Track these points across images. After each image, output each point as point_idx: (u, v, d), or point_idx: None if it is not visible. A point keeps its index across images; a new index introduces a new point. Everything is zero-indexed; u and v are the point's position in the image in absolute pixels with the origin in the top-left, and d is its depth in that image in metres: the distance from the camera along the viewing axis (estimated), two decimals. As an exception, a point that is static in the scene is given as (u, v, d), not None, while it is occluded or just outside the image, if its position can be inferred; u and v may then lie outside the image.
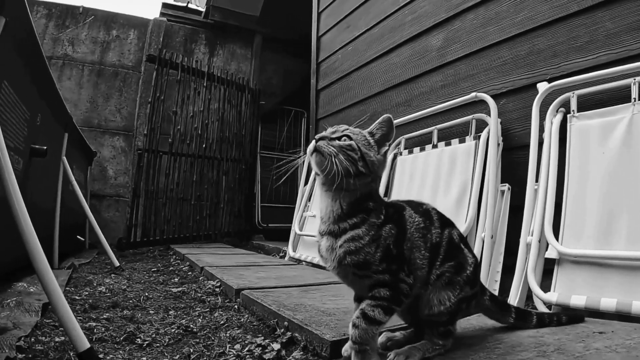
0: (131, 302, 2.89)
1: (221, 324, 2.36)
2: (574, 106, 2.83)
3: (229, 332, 2.18)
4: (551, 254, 2.59)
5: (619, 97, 2.67)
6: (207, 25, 9.19)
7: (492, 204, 3.06)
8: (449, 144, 3.70)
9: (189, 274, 4.20)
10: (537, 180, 2.85)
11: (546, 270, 2.64)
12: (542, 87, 3.02)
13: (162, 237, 7.04)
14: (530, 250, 2.68)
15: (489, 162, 3.19)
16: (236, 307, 2.73)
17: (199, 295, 3.11)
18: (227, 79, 8.13)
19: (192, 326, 2.29)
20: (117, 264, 4.37)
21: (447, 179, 3.57)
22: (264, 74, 9.48)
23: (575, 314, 1.97)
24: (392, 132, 1.63)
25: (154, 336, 2.11)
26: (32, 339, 1.93)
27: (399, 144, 4.33)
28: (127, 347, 1.98)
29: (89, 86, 8.21)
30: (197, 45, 9.12)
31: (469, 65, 3.85)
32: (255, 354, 1.88)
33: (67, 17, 8.23)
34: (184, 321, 2.39)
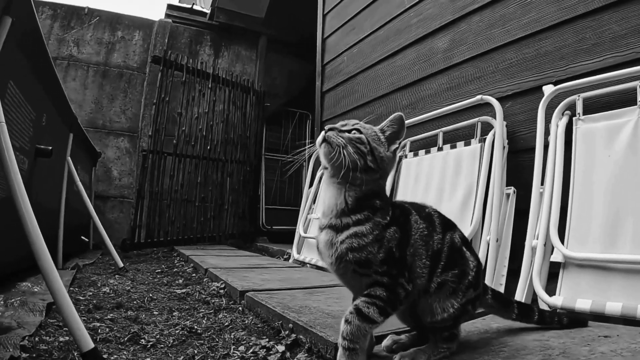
0: (135, 303, 2.89)
1: (225, 325, 2.36)
2: (579, 109, 2.82)
3: (233, 334, 2.18)
4: (556, 257, 2.58)
5: (625, 100, 2.66)
6: (212, 26, 9.20)
7: (497, 207, 3.05)
8: (454, 147, 3.69)
9: (193, 275, 4.20)
10: (542, 183, 2.84)
11: (551, 273, 2.63)
12: (548, 89, 3.01)
13: (166, 239, 7.02)
14: (535, 253, 2.67)
15: (495, 165, 3.17)
16: (240, 308, 2.72)
17: (203, 296, 3.10)
18: (232, 80, 8.12)
19: (196, 327, 2.28)
20: (121, 264, 4.37)
21: (452, 181, 3.56)
22: (269, 76, 9.48)
23: (577, 317, 1.96)
24: (402, 131, 1.62)
25: (158, 337, 2.11)
26: (36, 339, 1.93)
27: (404, 147, 4.32)
28: (132, 348, 1.97)
29: (94, 87, 8.23)
30: (202, 46, 9.13)
31: (475, 67, 3.84)
32: (259, 356, 1.87)
33: (73, 17, 8.25)
34: (188, 322, 2.39)
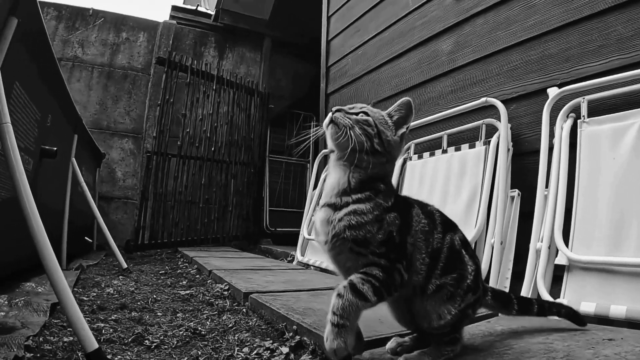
0: (139, 304, 2.89)
1: (229, 327, 2.35)
2: (584, 111, 2.82)
3: (237, 335, 2.18)
4: (561, 260, 2.58)
5: (631, 102, 2.66)
6: (216, 28, 9.22)
7: (501, 209, 3.05)
8: (458, 149, 3.69)
9: (197, 277, 4.20)
10: (547, 186, 2.84)
11: (556, 276, 2.62)
12: (553, 92, 3.00)
13: (169, 240, 7.01)
14: (540, 256, 2.67)
15: (499, 168, 3.17)
16: (244, 310, 2.72)
17: (207, 298, 3.10)
18: (236, 82, 8.11)
19: (200, 329, 2.28)
20: (125, 266, 4.37)
21: (456, 184, 3.56)
22: (273, 78, 9.47)
23: (576, 312, 1.95)
24: (410, 116, 1.62)
25: (162, 338, 2.11)
26: (41, 339, 1.94)
27: (409, 149, 4.32)
28: (136, 349, 1.97)
29: (99, 88, 8.25)
30: (206, 48, 9.15)
31: (479, 69, 3.84)
32: (263, 357, 1.87)
33: (77, 19, 8.27)
34: (192, 324, 2.38)
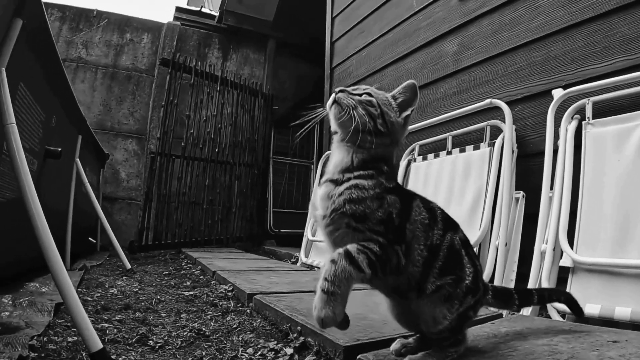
0: (143, 304, 2.90)
1: (233, 327, 2.35)
2: (589, 113, 2.82)
3: (241, 336, 2.18)
4: (565, 262, 2.58)
5: (636, 103, 2.65)
6: (220, 29, 9.23)
7: (506, 211, 3.05)
8: (463, 151, 3.69)
9: (201, 277, 4.20)
10: (552, 187, 2.84)
11: (560, 278, 2.62)
12: (557, 93, 3.00)
13: (173, 241, 7.02)
14: (544, 258, 2.66)
15: (504, 169, 3.17)
16: (248, 311, 2.72)
17: (211, 299, 3.10)
18: (240, 83, 8.11)
19: (204, 329, 2.28)
20: (128, 266, 4.37)
21: (461, 185, 3.55)
22: (277, 79, 9.47)
23: (575, 300, 1.94)
24: (415, 98, 1.62)
25: (166, 339, 2.11)
26: (45, 339, 1.94)
27: (413, 150, 4.32)
28: (140, 349, 1.98)
29: (103, 89, 8.28)
30: (210, 49, 9.16)
31: (484, 71, 3.84)
32: (268, 358, 1.88)
33: (81, 20, 8.30)
34: (196, 324, 2.39)
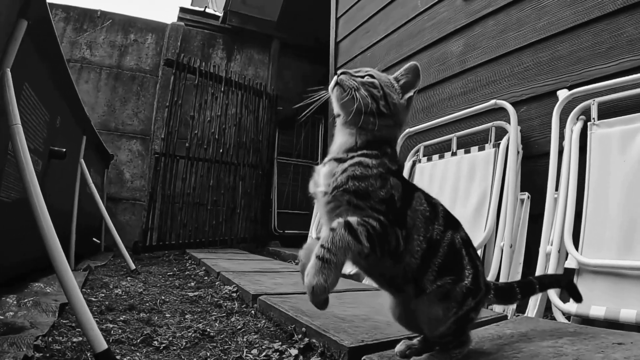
0: (148, 305, 2.90)
1: (238, 328, 2.35)
2: (594, 114, 2.81)
3: (246, 337, 2.18)
4: (571, 263, 2.57)
5: (643, 104, 2.65)
6: (224, 30, 9.23)
7: (511, 212, 3.04)
8: (468, 152, 3.68)
9: (205, 278, 4.20)
10: (557, 188, 2.83)
11: (565, 280, 2.61)
12: (563, 94, 2.99)
13: (177, 242, 7.01)
14: (549, 259, 2.65)
15: (509, 170, 3.16)
16: (253, 312, 2.72)
17: (216, 299, 3.10)
18: (244, 84, 8.11)
19: (208, 330, 2.28)
20: (133, 267, 4.37)
21: (466, 187, 3.55)
22: (282, 80, 9.45)
23: (574, 284, 1.93)
24: (417, 80, 1.60)
25: (170, 339, 2.11)
26: (50, 339, 1.94)
27: (418, 151, 4.31)
28: (144, 350, 1.98)
29: (107, 90, 8.29)
30: (214, 50, 9.16)
31: (489, 71, 3.83)
32: (272, 359, 1.87)
33: (85, 20, 8.32)
34: (200, 325, 2.39)
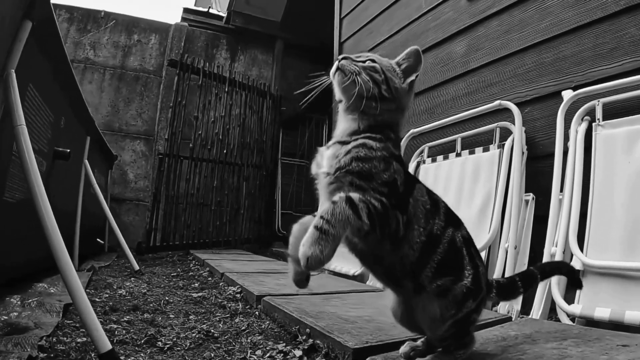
0: (151, 305, 2.90)
1: (242, 329, 2.35)
2: (599, 114, 2.80)
3: (250, 338, 2.18)
4: (575, 265, 2.56)
5: (647, 105, 2.64)
6: (228, 30, 9.24)
7: (516, 213, 3.03)
8: (472, 153, 3.67)
9: (209, 279, 4.21)
10: (562, 189, 2.82)
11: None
12: (567, 95, 2.98)
13: (181, 242, 7.01)
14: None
15: (513, 171, 3.15)
16: (257, 313, 2.72)
17: (220, 300, 3.10)
18: (248, 84, 8.10)
19: (213, 331, 2.28)
20: (136, 267, 4.37)
21: (470, 188, 3.54)
22: (285, 80, 9.42)
23: (574, 270, 1.93)
24: (419, 65, 1.61)
25: (174, 340, 2.11)
26: (54, 339, 1.95)
27: (422, 152, 4.30)
28: (148, 350, 1.97)
29: (110, 90, 8.31)
30: (218, 50, 9.17)
31: (493, 72, 3.82)
32: (277, 360, 1.87)
33: (89, 21, 8.34)
34: (204, 326, 2.39)
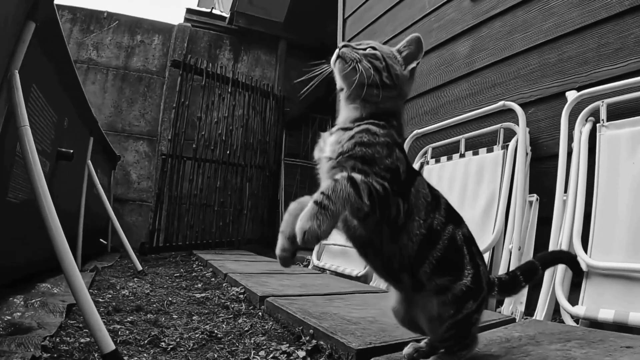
0: (155, 306, 2.90)
1: (245, 330, 2.35)
2: (603, 115, 2.79)
3: (253, 339, 2.18)
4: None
5: (651, 105, 2.63)
6: (231, 31, 9.25)
7: (520, 214, 3.02)
8: (476, 154, 3.67)
9: (212, 280, 4.21)
10: (565, 190, 2.81)
11: (574, 283, 2.59)
12: (571, 95, 2.98)
13: (184, 243, 7.03)
14: (558, 262, 2.64)
15: (517, 172, 3.14)
16: (260, 314, 2.72)
17: (223, 301, 3.11)
18: (251, 85, 8.12)
19: (216, 332, 2.28)
20: (140, 268, 4.38)
21: (474, 189, 3.53)
22: (288, 81, 9.40)
23: (575, 258, 1.92)
24: (420, 52, 1.60)
25: (178, 340, 2.11)
26: (57, 339, 1.95)
27: (426, 153, 4.30)
28: (152, 351, 1.98)
29: (113, 91, 8.33)
30: (221, 50, 9.18)
31: (497, 73, 3.82)
32: (280, 361, 1.87)
33: (92, 21, 8.36)
34: (207, 326, 2.39)
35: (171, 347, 2.02)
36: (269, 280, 3.72)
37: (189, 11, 9.27)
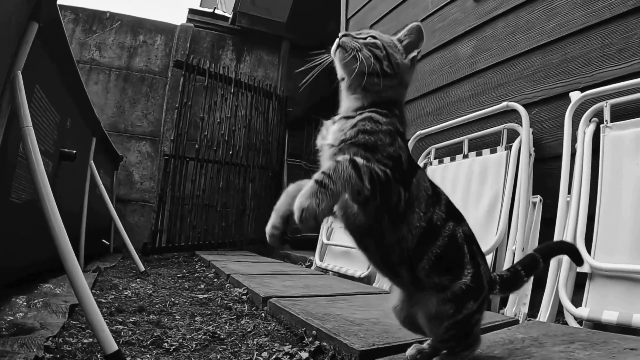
0: (157, 307, 2.90)
1: (248, 331, 2.35)
2: (607, 116, 2.78)
3: (256, 340, 2.17)
4: (583, 268, 2.54)
5: (655, 106, 2.62)
6: (234, 31, 9.24)
7: (523, 216, 3.02)
8: (479, 154, 3.66)
9: (215, 280, 4.21)
10: (569, 191, 2.81)
11: (578, 284, 2.59)
12: (575, 96, 2.97)
13: (187, 244, 7.03)
14: (561, 264, 2.63)
15: (521, 173, 3.14)
16: (263, 315, 2.72)
17: (225, 302, 3.10)
18: (254, 85, 8.13)
19: (219, 332, 2.28)
20: (142, 268, 4.38)
21: (477, 189, 3.53)
22: (291, 81, 9.38)
23: (576, 248, 1.92)
24: (421, 41, 1.60)
25: (180, 341, 2.11)
26: (60, 340, 1.95)
27: (429, 154, 4.30)
28: (154, 351, 1.97)
29: (116, 91, 8.33)
30: (224, 51, 9.17)
31: (500, 73, 3.81)
32: (283, 362, 1.87)
33: (94, 22, 8.36)
34: (210, 327, 2.38)
35: (174, 347, 2.02)
36: (272, 281, 3.72)
37: (192, 11, 9.26)
